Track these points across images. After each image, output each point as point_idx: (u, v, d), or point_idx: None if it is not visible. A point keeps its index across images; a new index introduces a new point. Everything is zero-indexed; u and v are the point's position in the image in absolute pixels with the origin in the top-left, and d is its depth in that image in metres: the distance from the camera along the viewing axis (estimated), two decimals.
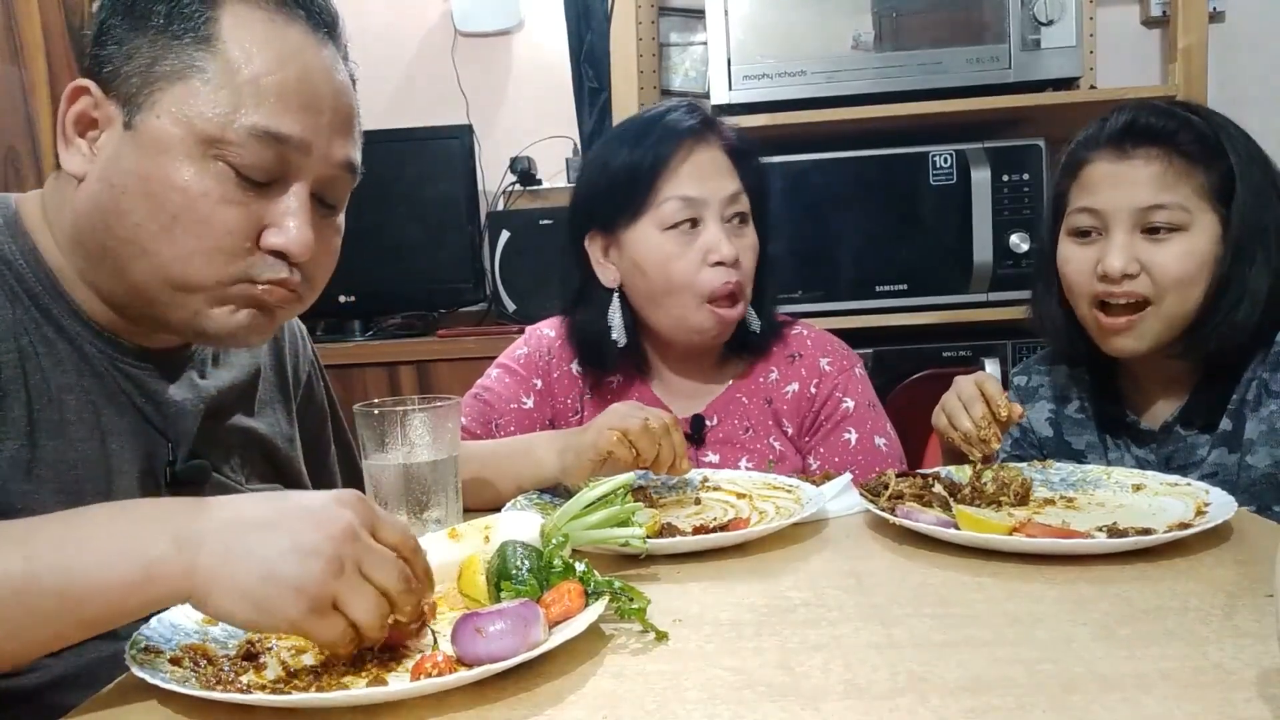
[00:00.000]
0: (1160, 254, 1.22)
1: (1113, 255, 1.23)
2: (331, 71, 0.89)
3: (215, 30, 0.84)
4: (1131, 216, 1.23)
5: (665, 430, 1.12)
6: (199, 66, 0.83)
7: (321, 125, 0.87)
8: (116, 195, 0.83)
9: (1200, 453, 1.28)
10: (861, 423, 1.40)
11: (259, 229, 0.86)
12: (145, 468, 0.93)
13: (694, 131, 1.35)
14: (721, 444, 1.41)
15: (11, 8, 2.39)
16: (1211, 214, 1.22)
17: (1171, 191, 1.22)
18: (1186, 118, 1.25)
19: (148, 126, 0.83)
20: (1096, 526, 0.98)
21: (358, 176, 0.94)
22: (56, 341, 0.88)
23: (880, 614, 0.81)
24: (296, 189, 0.87)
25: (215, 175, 0.83)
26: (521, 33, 2.80)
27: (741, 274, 1.35)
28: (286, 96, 0.84)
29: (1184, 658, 0.69)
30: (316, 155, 0.87)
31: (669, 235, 1.34)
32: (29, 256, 0.88)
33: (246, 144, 0.83)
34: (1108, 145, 1.26)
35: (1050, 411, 1.43)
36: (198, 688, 0.67)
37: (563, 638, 0.72)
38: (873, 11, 2.12)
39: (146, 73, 0.83)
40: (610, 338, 1.40)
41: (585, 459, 1.13)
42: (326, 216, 0.93)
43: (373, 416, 0.99)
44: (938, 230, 2.13)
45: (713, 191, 1.34)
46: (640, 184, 1.34)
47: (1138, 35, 2.60)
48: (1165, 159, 1.22)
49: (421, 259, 2.56)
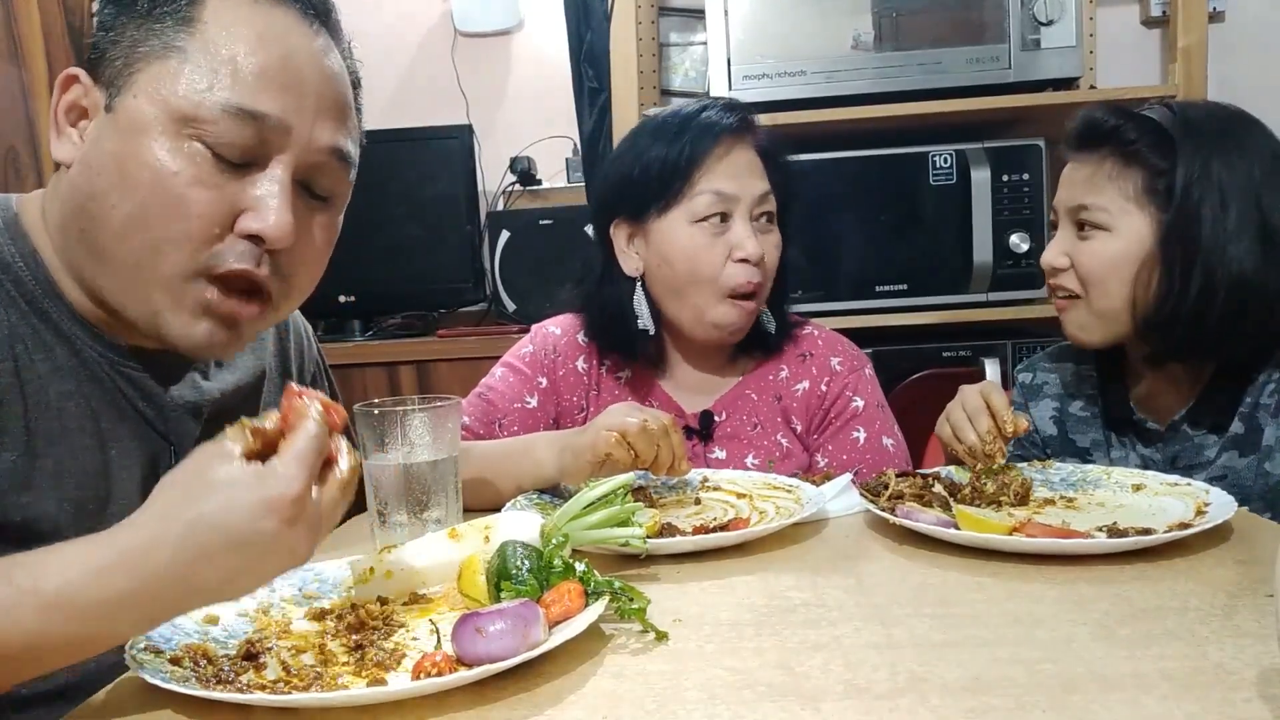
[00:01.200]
0: (1083, 251, 1.28)
1: (1048, 249, 1.33)
2: (319, 56, 0.87)
3: (198, 12, 0.83)
4: (1069, 214, 1.30)
5: (664, 432, 1.12)
6: (178, 46, 0.82)
7: (305, 107, 0.85)
8: (92, 177, 0.82)
9: (1208, 453, 1.27)
10: (870, 422, 1.41)
11: (233, 214, 0.83)
12: (147, 473, 0.92)
13: (733, 129, 1.37)
14: (729, 440, 1.41)
15: (11, 8, 2.39)
16: (1142, 215, 1.23)
17: (1097, 193, 1.26)
18: (1139, 117, 1.26)
19: (125, 107, 0.82)
20: (1096, 526, 0.98)
21: (350, 167, 0.92)
22: (55, 347, 0.87)
23: (880, 614, 0.81)
24: (274, 171, 0.84)
25: (189, 155, 0.81)
26: (521, 33, 2.80)
27: (763, 273, 1.37)
28: (266, 75, 0.83)
29: (1184, 658, 0.69)
30: (298, 138, 0.85)
31: (698, 228, 1.35)
32: (28, 259, 0.87)
33: (221, 121, 0.81)
34: (1068, 146, 1.33)
35: (1055, 409, 1.43)
36: (197, 687, 0.67)
37: (563, 638, 0.72)
38: (873, 11, 2.12)
39: (128, 55, 0.83)
40: (635, 326, 1.41)
41: (584, 460, 1.13)
42: (315, 209, 0.90)
43: (373, 416, 0.99)
44: (938, 230, 2.13)
45: (745, 189, 1.35)
46: (677, 175, 1.36)
47: (1138, 35, 2.60)
48: (1097, 161, 1.26)
49: (421, 259, 2.56)
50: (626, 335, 1.42)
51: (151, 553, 0.66)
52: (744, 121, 1.39)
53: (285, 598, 0.87)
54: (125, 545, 0.66)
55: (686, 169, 1.35)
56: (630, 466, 1.10)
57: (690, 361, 1.46)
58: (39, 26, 2.44)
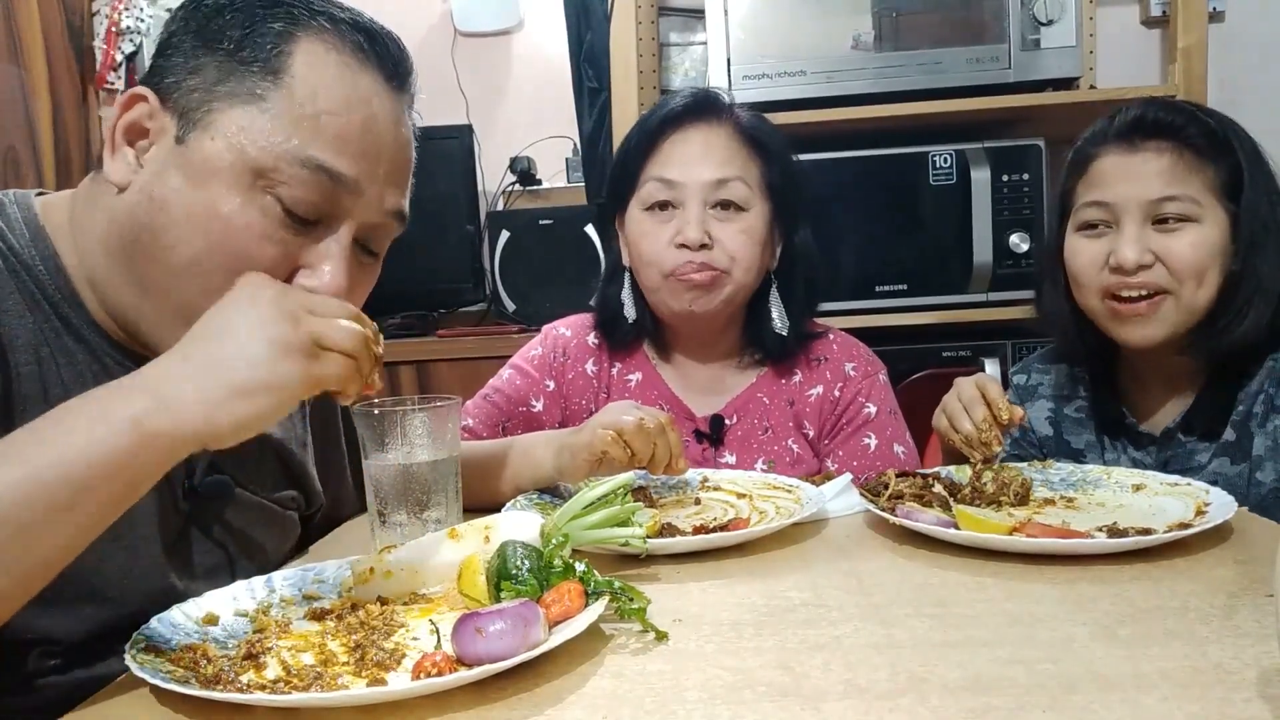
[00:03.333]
0: (1174, 243, 1.23)
1: (1126, 247, 1.23)
2: (397, 123, 0.88)
3: (286, 64, 0.82)
4: (1143, 209, 1.23)
5: (660, 429, 1.12)
6: (260, 95, 0.81)
7: (378, 173, 0.85)
8: (154, 211, 0.81)
9: (1200, 459, 1.27)
10: (882, 429, 1.41)
11: (292, 269, 0.83)
12: (163, 483, 0.91)
13: (683, 113, 1.37)
14: (739, 444, 1.41)
15: (11, 8, 2.39)
16: (1220, 209, 1.23)
17: (1182, 184, 1.22)
18: (1194, 113, 1.26)
19: (200, 146, 0.81)
20: (1096, 526, 0.98)
21: (405, 226, 0.92)
22: (76, 352, 0.86)
23: (880, 614, 0.81)
24: (341, 233, 0.85)
25: (261, 208, 0.81)
26: (521, 33, 2.81)
27: (715, 258, 1.34)
28: (347, 139, 0.83)
29: (1184, 658, 0.69)
30: (367, 200, 0.85)
31: (646, 215, 1.38)
32: (48, 262, 0.86)
33: (298, 177, 0.81)
34: (1116, 140, 1.26)
35: (1050, 410, 1.43)
36: (197, 687, 0.67)
37: (563, 638, 0.72)
38: (873, 11, 2.12)
39: (208, 90, 0.81)
40: (623, 314, 1.43)
41: (580, 459, 1.13)
42: (366, 264, 0.91)
43: (372, 416, 0.99)
44: (938, 230, 2.13)
45: (693, 175, 1.35)
46: (629, 165, 1.39)
47: (1138, 35, 2.60)
48: (1175, 152, 1.23)
49: (421, 259, 2.55)
50: (620, 327, 1.44)
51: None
52: (704, 105, 1.38)
53: (285, 598, 0.87)
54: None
55: (636, 157, 1.38)
56: (627, 464, 1.10)
57: (700, 364, 1.46)
58: (39, 26, 2.44)
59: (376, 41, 0.87)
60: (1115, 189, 1.25)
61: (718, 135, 1.37)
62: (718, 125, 1.38)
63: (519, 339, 2.29)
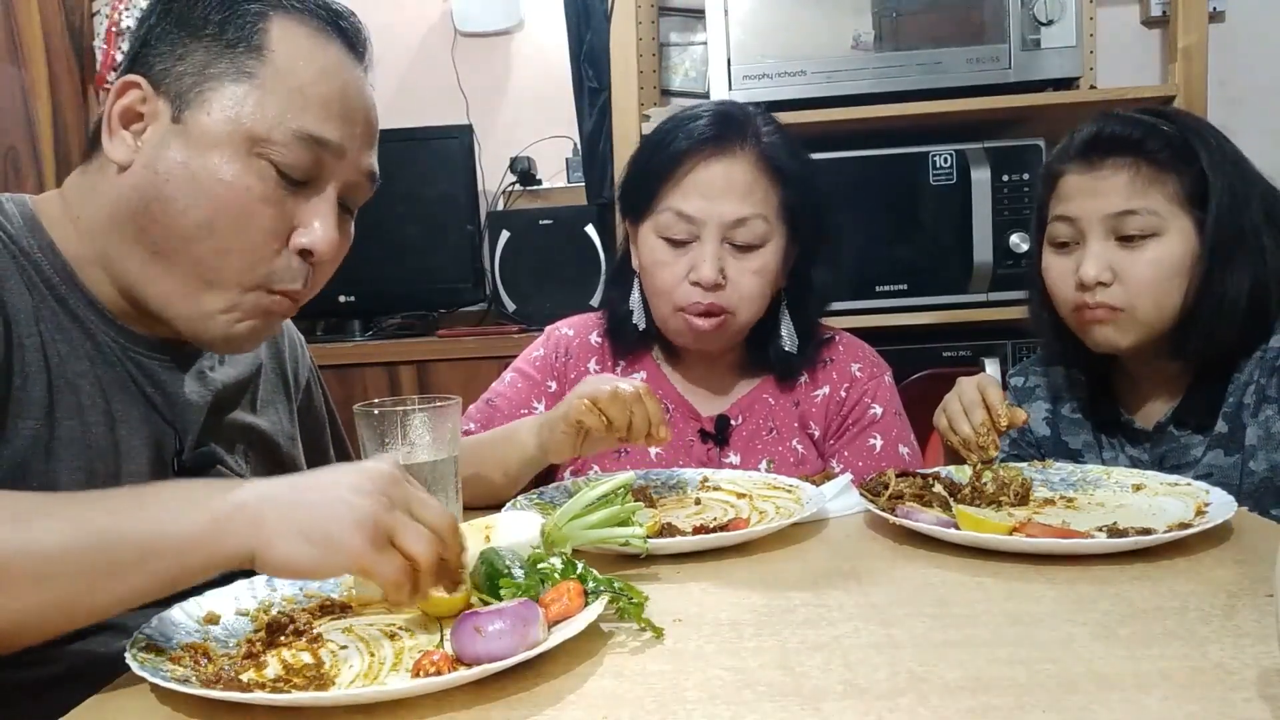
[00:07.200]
0: (1134, 261, 1.23)
1: (1087, 262, 1.25)
2: (364, 89, 0.97)
3: (264, 40, 0.90)
4: (1104, 224, 1.25)
5: (637, 397, 1.12)
6: (250, 72, 0.89)
7: (355, 135, 0.94)
8: (159, 182, 0.88)
9: (1194, 453, 1.28)
10: (888, 430, 1.40)
11: (289, 230, 0.92)
12: (154, 455, 0.96)
13: (709, 143, 1.32)
14: (744, 444, 1.41)
15: (11, 8, 2.39)
16: (1185, 219, 1.23)
17: (1142, 197, 1.23)
18: (1153, 124, 1.26)
19: (197, 122, 0.88)
20: (1096, 526, 0.98)
21: (375, 186, 1.01)
22: (72, 329, 0.91)
23: (880, 614, 0.81)
24: (328, 192, 0.93)
25: (258, 172, 0.89)
26: (521, 33, 2.80)
27: (726, 298, 1.32)
28: (329, 105, 0.91)
29: (1184, 658, 0.69)
30: (348, 161, 0.94)
31: (661, 243, 1.35)
32: (46, 250, 0.92)
33: (290, 144, 0.89)
34: (1077, 157, 1.28)
35: (1047, 411, 1.43)
36: (198, 686, 0.67)
37: (562, 637, 0.72)
38: (873, 11, 2.11)
39: (199, 74, 0.89)
40: (631, 322, 1.43)
41: (559, 432, 1.14)
42: (345, 220, 0.98)
43: (373, 416, 0.99)
44: (938, 230, 2.13)
45: (712, 213, 1.31)
46: (647, 189, 1.36)
47: (1138, 35, 2.60)
48: (1134, 166, 1.23)
49: (421, 259, 2.56)
50: (628, 334, 1.43)
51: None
52: (731, 133, 1.32)
53: (286, 597, 0.87)
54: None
55: (655, 184, 1.34)
56: (605, 433, 1.11)
57: (705, 365, 1.45)
58: (39, 26, 2.44)
59: (341, 17, 0.96)
60: (1078, 205, 1.26)
61: (740, 167, 1.32)
62: (740, 154, 1.32)
63: (519, 339, 2.29)
